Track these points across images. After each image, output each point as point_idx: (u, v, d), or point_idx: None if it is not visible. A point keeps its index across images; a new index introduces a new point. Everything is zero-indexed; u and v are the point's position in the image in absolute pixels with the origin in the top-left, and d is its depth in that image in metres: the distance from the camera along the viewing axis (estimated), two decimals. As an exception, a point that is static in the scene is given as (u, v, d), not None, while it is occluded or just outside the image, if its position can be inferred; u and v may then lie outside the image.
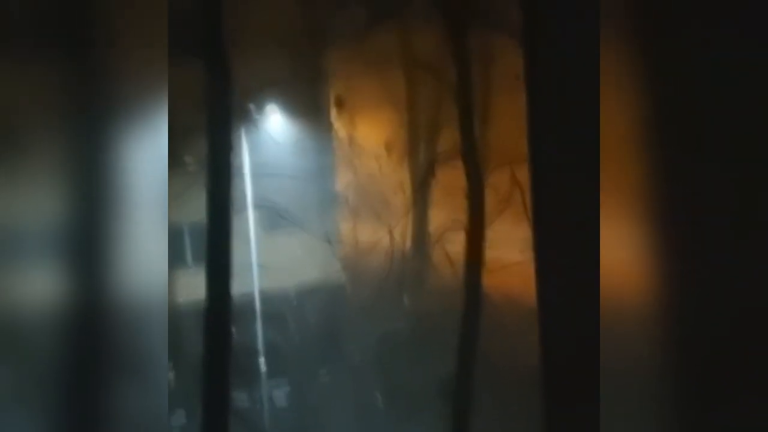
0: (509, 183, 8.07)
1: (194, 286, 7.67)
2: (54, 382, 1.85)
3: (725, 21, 1.46)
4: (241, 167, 12.11)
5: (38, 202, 1.88)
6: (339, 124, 19.22)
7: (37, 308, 1.82)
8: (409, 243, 10.46)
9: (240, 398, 12.12)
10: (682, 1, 1.47)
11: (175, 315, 13.25)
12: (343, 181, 19.24)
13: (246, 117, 12.59)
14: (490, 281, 8.26)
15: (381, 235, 9.26)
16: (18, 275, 1.85)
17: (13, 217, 1.85)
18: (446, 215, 12.44)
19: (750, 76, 1.45)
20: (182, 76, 9.62)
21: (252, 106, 13.41)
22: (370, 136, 19.80)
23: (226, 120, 7.20)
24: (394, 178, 16.56)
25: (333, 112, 17.31)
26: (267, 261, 12.87)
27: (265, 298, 13.54)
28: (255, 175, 12.58)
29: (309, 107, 15.32)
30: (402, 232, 8.95)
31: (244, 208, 12.01)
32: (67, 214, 1.89)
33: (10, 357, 1.83)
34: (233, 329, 10.04)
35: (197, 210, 7.28)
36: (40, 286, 1.84)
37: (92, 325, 1.89)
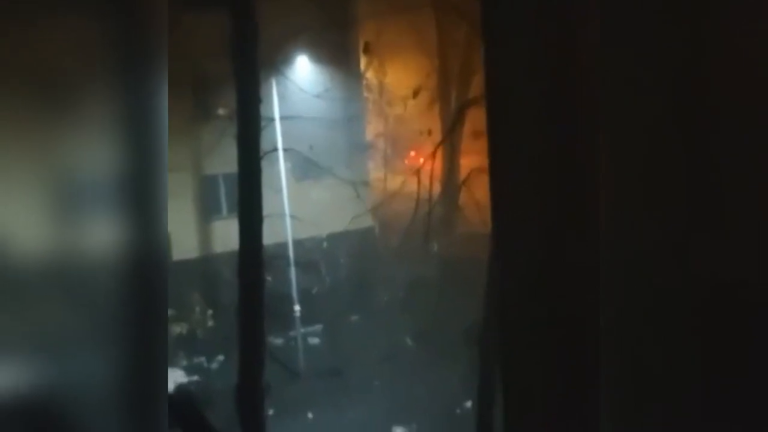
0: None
1: (230, 235, 7.86)
2: (115, 324, 1.98)
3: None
4: (271, 117, 12.22)
5: (91, 154, 1.97)
6: (369, 72, 19.09)
7: (97, 256, 1.96)
8: (437, 189, 10.53)
9: (276, 342, 12.57)
10: None
11: (212, 264, 13.71)
12: (373, 128, 19.27)
13: (275, 67, 12.63)
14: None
15: (409, 182, 9.33)
16: (80, 224, 1.98)
17: (70, 168, 1.96)
18: (475, 160, 12.44)
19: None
20: (211, 27, 9.70)
21: (281, 56, 13.42)
22: (400, 82, 19.64)
23: (254, 71, 7.27)
24: (423, 124, 16.50)
25: (362, 60, 17.18)
26: (298, 210, 13.11)
27: (298, 245, 13.84)
28: (285, 126, 12.68)
29: (338, 55, 15.23)
30: (430, 177, 9.02)
31: (275, 158, 12.16)
32: (119, 165, 1.99)
33: (76, 301, 1.97)
34: (268, 277, 10.34)
35: (231, 161, 7.40)
36: (98, 235, 1.97)
37: (142, 272, 2.02)
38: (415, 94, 15.14)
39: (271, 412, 10.59)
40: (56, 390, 1.97)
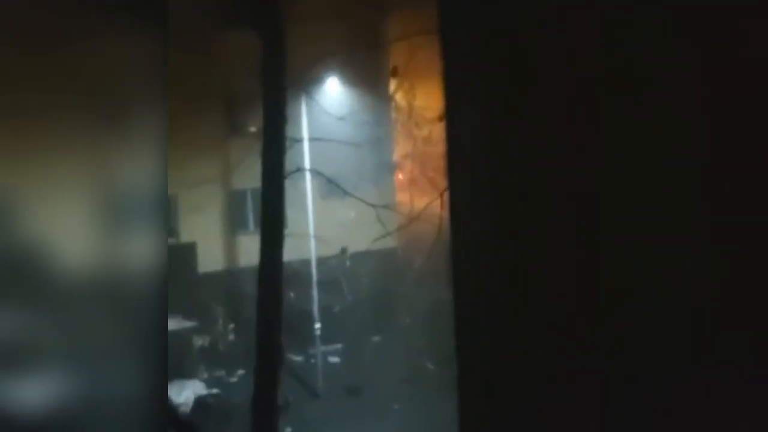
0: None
1: (255, 250, 8.01)
2: (147, 331, 2.07)
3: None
4: (299, 138, 12.40)
5: (136, 169, 2.07)
6: (398, 94, 19.23)
7: (134, 267, 2.05)
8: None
9: (296, 359, 12.62)
10: None
11: (236, 278, 13.85)
12: (400, 149, 19.38)
13: (304, 88, 12.84)
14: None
15: (435, 203, 9.34)
16: (120, 236, 2.08)
17: (116, 185, 2.07)
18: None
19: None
20: (244, 47, 9.94)
21: (311, 78, 13.63)
22: (430, 104, 19.71)
23: (281, 91, 7.43)
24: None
25: (392, 82, 17.34)
26: (323, 228, 13.21)
27: (321, 264, 13.93)
28: (313, 146, 12.86)
29: (367, 77, 15.41)
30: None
31: (302, 176, 12.32)
32: (157, 181, 2.07)
33: (116, 310, 2.07)
34: (291, 294, 10.37)
35: (259, 176, 7.55)
36: (136, 246, 2.06)
37: (146, 284, 2.08)
38: (441, 117, 15.17)
39: (289, 430, 10.61)
40: (67, 399, 2.04)
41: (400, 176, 18.55)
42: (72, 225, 2.08)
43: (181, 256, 12.84)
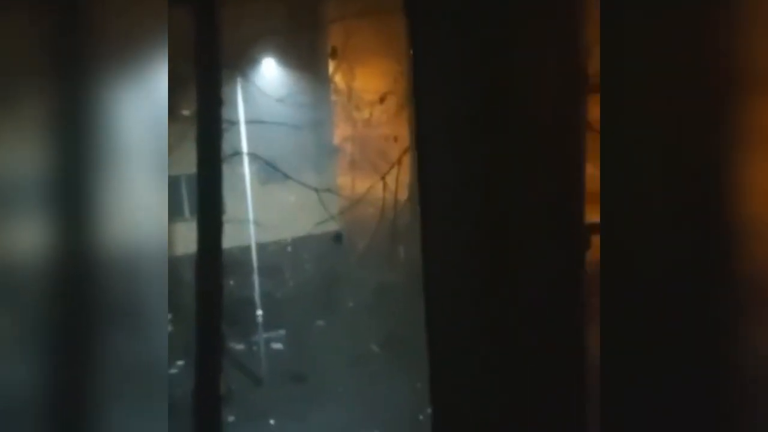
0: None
1: (192, 237, 7.82)
2: (52, 330, 1.91)
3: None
4: (236, 120, 12.12)
5: (36, 154, 1.88)
6: (337, 75, 19.05)
7: (36, 259, 1.88)
8: (403, 194, 10.54)
9: (238, 347, 12.43)
10: None
11: (174, 266, 13.50)
12: (340, 133, 19.24)
13: (240, 70, 12.55)
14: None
15: (377, 187, 9.32)
16: (17, 226, 1.89)
17: (11, 168, 1.88)
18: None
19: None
20: (175, 26, 9.59)
21: (247, 59, 13.33)
22: (369, 87, 19.62)
23: (215, 73, 7.19)
24: (390, 129, 16.50)
25: (330, 64, 17.15)
26: (263, 213, 13.00)
27: (262, 249, 13.73)
28: (251, 129, 12.61)
29: (306, 58, 15.19)
30: (396, 182, 9.01)
31: (239, 160, 12.07)
32: (65, 165, 1.91)
33: (9, 306, 1.89)
34: (231, 281, 10.16)
35: (193, 162, 7.35)
36: (38, 237, 1.89)
37: (92, 275, 1.94)
38: (382, 99, 15.15)
39: (231, 418, 10.45)
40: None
41: (341, 159, 18.47)
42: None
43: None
